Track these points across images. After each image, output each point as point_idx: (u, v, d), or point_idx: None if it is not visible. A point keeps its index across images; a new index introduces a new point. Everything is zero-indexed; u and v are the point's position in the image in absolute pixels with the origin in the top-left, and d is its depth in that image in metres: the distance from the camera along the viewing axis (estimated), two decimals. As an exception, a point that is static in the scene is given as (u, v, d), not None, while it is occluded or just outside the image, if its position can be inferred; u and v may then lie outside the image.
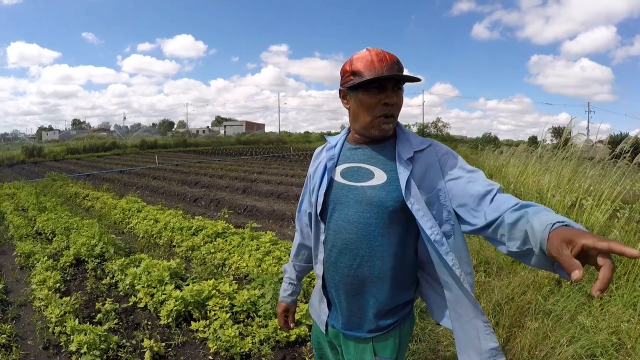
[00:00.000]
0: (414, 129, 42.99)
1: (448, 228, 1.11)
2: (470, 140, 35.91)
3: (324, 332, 1.34)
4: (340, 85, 1.21)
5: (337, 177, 1.23)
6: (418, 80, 1.14)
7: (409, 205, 1.10)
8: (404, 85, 1.19)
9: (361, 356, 1.24)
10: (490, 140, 25.58)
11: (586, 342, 2.22)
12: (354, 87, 1.14)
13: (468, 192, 1.07)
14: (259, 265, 3.73)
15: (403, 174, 1.12)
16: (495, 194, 1.03)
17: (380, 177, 1.17)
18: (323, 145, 1.36)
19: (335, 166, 1.25)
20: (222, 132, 66.66)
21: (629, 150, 4.01)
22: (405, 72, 1.16)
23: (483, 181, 1.08)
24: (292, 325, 1.50)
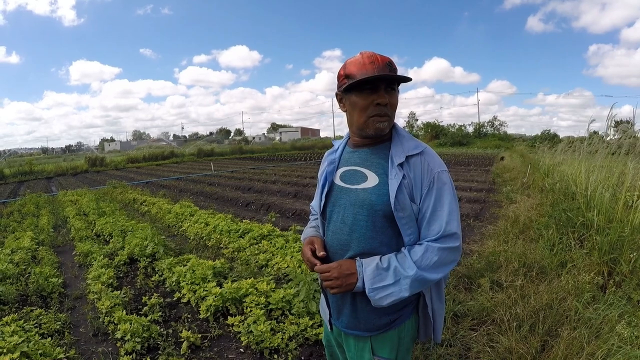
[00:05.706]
0: (470, 129, 41.14)
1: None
2: (529, 139, 33.78)
3: (330, 330, 1.39)
4: (337, 90, 1.26)
5: (337, 180, 1.29)
6: (408, 79, 1.16)
7: (395, 213, 1.14)
8: (400, 87, 1.21)
9: (360, 354, 1.28)
10: (547, 138, 23.80)
11: (622, 356, 1.99)
12: (347, 90, 1.18)
13: (428, 222, 1.16)
14: (300, 267, 3.81)
15: (394, 181, 1.15)
16: (437, 239, 1.13)
17: (372, 179, 1.20)
18: (331, 149, 1.42)
19: (336, 169, 1.31)
20: (277, 138, 66.91)
21: None
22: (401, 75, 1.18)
23: (440, 221, 1.14)
24: (321, 253, 1.24)
